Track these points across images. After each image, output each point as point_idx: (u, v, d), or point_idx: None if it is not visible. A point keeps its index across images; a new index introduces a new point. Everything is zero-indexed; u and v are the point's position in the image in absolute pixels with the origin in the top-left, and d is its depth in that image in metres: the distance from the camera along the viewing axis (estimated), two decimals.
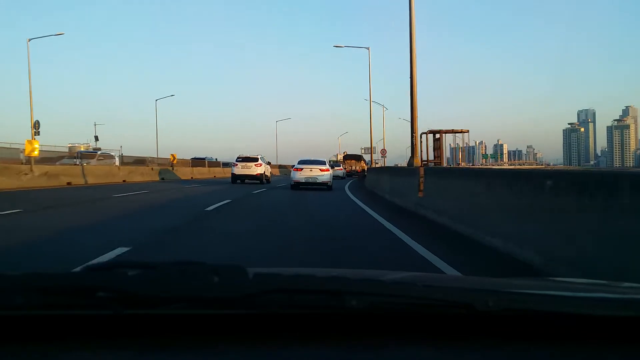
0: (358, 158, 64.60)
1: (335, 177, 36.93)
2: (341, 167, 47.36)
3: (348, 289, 1.11)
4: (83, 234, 8.11)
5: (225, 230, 8.90)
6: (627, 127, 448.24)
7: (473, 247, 6.68)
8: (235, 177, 28.23)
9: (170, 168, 39.73)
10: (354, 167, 57.64)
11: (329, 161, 66.79)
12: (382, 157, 46.89)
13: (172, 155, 41.78)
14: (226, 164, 53.34)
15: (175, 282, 1.05)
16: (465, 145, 54.29)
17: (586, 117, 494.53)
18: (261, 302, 1.05)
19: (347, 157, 66.99)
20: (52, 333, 1.07)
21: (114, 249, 6.30)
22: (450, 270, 5.33)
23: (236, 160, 28.96)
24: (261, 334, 1.08)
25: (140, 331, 1.07)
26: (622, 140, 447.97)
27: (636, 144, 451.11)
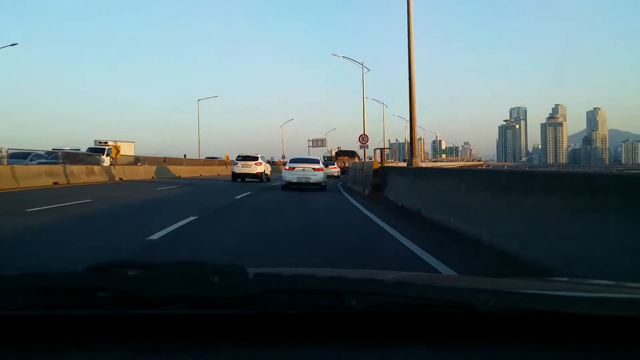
0: (352, 154, 61.45)
1: (328, 176, 35.85)
2: (335, 166, 43.45)
3: (348, 289, 1.11)
4: None
5: None
6: (561, 124, 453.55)
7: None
8: (236, 176, 28.21)
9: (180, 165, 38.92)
10: (347, 164, 54.44)
11: (324, 157, 65.56)
12: (361, 146, 36.23)
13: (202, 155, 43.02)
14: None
15: (175, 282, 1.05)
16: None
17: (518, 115, 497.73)
18: (261, 302, 1.05)
19: (340, 153, 64.41)
20: (52, 333, 1.07)
21: None
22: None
23: (236, 159, 29.01)
24: (261, 334, 1.08)
25: (140, 331, 1.07)
26: (555, 137, 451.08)
27: (567, 141, 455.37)
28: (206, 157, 48.24)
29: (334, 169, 41.21)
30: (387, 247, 7.18)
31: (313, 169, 21.48)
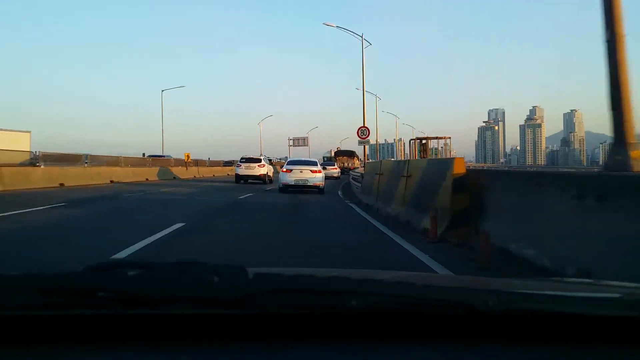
0: (351, 154, 60.46)
1: (328, 177, 34.13)
2: (335, 166, 43.12)
3: (348, 289, 1.11)
4: None
5: None
6: (539, 126, 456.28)
7: None
8: (239, 177, 28.27)
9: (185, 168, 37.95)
10: (346, 164, 54.17)
11: (323, 158, 64.69)
12: (360, 142, 29.40)
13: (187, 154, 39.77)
14: (229, 163, 49.96)
15: (175, 282, 1.05)
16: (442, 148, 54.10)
17: (496, 116, 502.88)
18: (261, 302, 1.05)
19: (339, 153, 63.52)
20: (52, 333, 1.06)
21: None
22: None
23: (240, 161, 29.03)
24: (261, 334, 1.08)
25: (140, 331, 1.07)
26: (534, 138, 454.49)
27: (545, 143, 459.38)
28: (149, 156, 39.33)
29: (334, 170, 40.59)
30: None
31: (311, 171, 20.92)
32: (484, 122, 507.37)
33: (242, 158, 29.08)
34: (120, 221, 10.16)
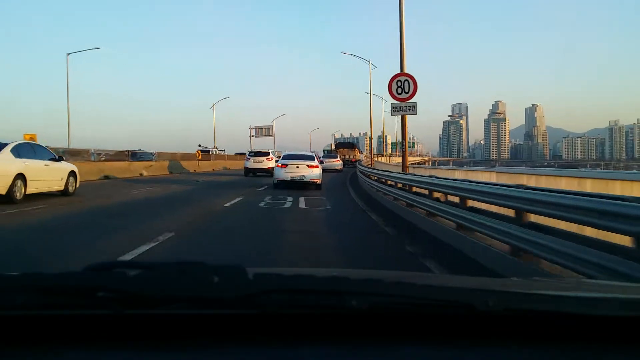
0: (351, 146, 59.44)
1: (330, 170, 34.50)
2: (337, 159, 41.89)
3: (348, 289, 1.11)
4: None
5: None
6: (504, 120, 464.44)
7: None
8: (248, 171, 29.27)
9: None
10: (347, 156, 53.06)
11: (324, 151, 63.10)
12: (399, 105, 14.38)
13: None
14: (204, 150, 44.11)
15: (175, 282, 1.05)
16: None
17: (460, 111, 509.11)
18: (261, 302, 1.05)
19: (339, 145, 62.19)
20: (52, 333, 1.06)
21: None
22: None
23: (249, 155, 30.58)
24: (261, 334, 1.08)
25: (140, 331, 1.07)
26: (498, 132, 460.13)
27: (509, 137, 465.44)
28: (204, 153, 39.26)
29: (336, 162, 39.84)
30: None
31: (308, 166, 19.57)
32: (448, 116, 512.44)
33: (250, 152, 30.70)
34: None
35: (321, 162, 39.15)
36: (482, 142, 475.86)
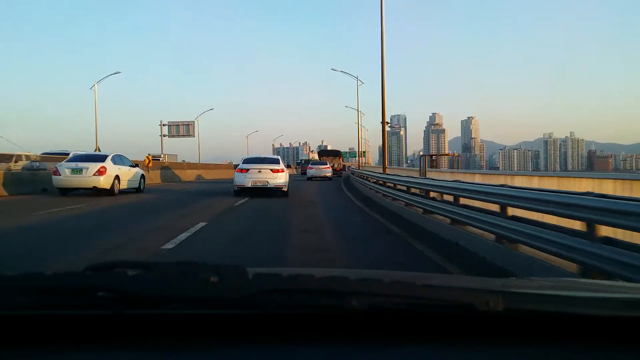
0: (335, 154, 57.04)
1: (320, 178, 34.35)
2: (327, 166, 38.74)
3: (348, 289, 1.11)
4: None
5: None
6: (443, 131, 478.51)
7: None
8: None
9: None
10: (332, 165, 49.99)
11: (301, 160, 59.56)
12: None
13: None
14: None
15: (175, 282, 1.05)
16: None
17: (399, 122, 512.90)
18: (261, 302, 1.05)
19: (323, 152, 59.60)
20: (52, 333, 1.06)
21: None
22: None
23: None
24: (261, 334, 1.08)
25: (140, 331, 1.07)
26: (438, 144, 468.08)
27: (448, 148, 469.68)
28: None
29: (326, 169, 37.87)
30: None
31: (271, 170, 17.68)
32: (389, 126, 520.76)
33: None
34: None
35: (310, 169, 37.45)
36: (421, 152, 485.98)
